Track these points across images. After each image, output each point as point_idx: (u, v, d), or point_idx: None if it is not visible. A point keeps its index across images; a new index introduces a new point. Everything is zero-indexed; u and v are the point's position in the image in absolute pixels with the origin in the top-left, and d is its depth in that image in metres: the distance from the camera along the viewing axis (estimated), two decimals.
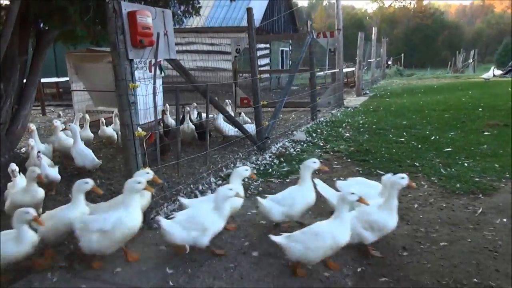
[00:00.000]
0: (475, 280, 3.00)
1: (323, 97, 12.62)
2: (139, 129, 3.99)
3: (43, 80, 13.21)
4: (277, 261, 3.36)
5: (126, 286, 3.06)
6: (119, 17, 3.65)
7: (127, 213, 3.17)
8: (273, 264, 3.33)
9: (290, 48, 26.83)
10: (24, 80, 8.02)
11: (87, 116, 7.80)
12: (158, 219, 3.33)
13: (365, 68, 20.55)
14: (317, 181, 3.93)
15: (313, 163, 3.81)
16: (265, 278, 3.13)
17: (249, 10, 6.45)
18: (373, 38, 20.28)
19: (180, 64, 4.94)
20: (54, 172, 5.01)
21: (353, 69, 18.80)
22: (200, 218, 3.30)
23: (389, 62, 39.51)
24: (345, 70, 21.98)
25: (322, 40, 12.36)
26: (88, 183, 3.50)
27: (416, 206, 4.49)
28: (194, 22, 14.18)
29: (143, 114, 5.96)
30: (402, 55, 40.65)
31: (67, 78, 16.93)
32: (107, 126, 7.83)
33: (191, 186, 5.08)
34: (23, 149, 7.95)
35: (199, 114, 8.19)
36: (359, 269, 3.23)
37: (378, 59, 23.68)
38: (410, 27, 65.20)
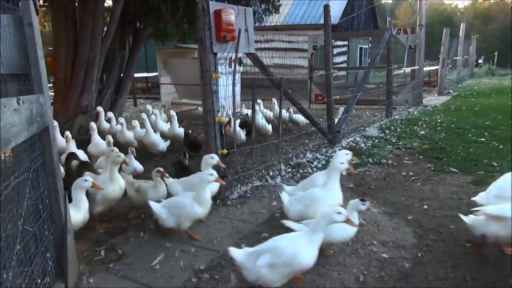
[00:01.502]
0: None
1: (401, 95, 12.32)
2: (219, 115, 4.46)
3: (135, 74, 14.60)
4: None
5: (205, 247, 3.52)
6: (207, 15, 4.14)
7: None
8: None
9: (370, 45, 26.19)
10: (122, 74, 9.12)
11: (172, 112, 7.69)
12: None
13: (450, 66, 19.38)
14: None
15: None
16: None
17: (326, 7, 6.68)
18: (460, 34, 19.07)
19: (258, 58, 5.35)
20: (137, 164, 5.52)
21: (437, 67, 17.87)
22: None
23: (480, 61, 36.61)
24: (428, 68, 21.00)
25: (402, 37, 12.05)
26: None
27: None
28: (273, 19, 14.66)
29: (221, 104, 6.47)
30: (496, 53, 37.35)
31: (155, 73, 18.46)
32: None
33: (263, 171, 5.47)
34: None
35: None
36: (419, 254, 3.35)
37: (465, 57, 22.16)
38: (506, 23, 59.37)
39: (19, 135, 1.83)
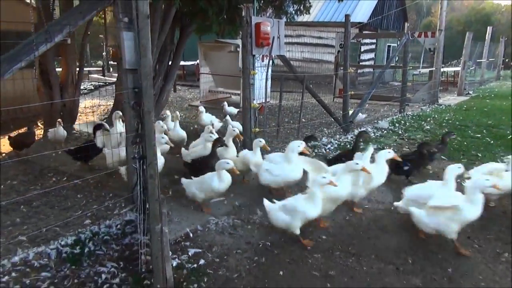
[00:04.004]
0: None
1: (418, 93, 13.36)
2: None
3: None
4: None
5: (242, 194, 4.95)
6: (249, 26, 5.53)
7: None
8: None
9: (398, 43, 26.86)
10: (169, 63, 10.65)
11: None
12: None
13: (471, 68, 20.00)
14: None
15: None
16: None
17: (346, 17, 7.91)
18: (486, 38, 19.65)
19: (286, 58, 6.71)
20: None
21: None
22: None
23: None
24: (452, 69, 21.66)
25: (422, 39, 13.05)
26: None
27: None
28: (305, 16, 15.70)
29: (257, 93, 7.90)
30: None
31: (192, 62, 20.05)
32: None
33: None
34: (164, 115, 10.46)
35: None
36: (392, 208, 4.67)
37: (491, 59, 22.62)
38: None
39: None
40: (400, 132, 8.80)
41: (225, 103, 9.49)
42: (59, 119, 6.88)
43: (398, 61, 24.61)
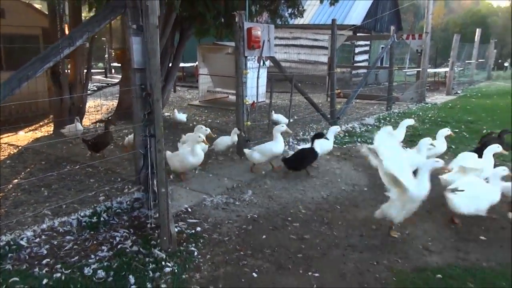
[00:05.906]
0: None
1: (406, 93, 14.05)
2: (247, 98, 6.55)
3: None
4: None
5: (233, 178, 5.63)
6: (242, 31, 6.20)
7: None
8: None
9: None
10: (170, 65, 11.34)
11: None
12: None
13: (460, 69, 20.69)
14: None
15: None
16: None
17: (333, 21, 8.60)
18: (476, 39, 20.37)
19: (276, 59, 7.39)
20: None
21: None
22: None
23: (506, 64, 37.26)
24: (444, 70, 22.37)
25: (409, 41, 13.76)
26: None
27: None
28: (301, 19, 16.33)
29: (249, 91, 8.57)
30: None
31: (191, 64, 20.73)
32: None
33: None
34: (166, 114, 11.18)
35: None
36: (365, 188, 5.35)
37: (480, 60, 23.34)
38: None
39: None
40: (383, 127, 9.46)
41: (175, 110, 9.85)
42: (77, 116, 7.63)
43: (396, 62, 25.29)
